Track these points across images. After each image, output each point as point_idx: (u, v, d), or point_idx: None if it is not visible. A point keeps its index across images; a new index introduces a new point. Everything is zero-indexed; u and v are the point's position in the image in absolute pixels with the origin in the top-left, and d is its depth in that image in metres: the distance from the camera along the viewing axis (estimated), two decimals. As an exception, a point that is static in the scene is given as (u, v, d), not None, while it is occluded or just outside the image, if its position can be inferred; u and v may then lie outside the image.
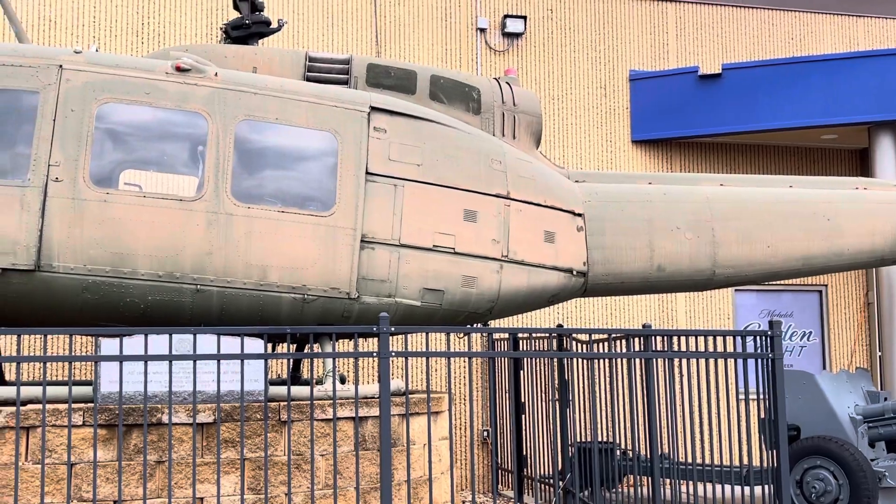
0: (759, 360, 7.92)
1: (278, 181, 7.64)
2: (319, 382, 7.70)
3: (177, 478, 6.65)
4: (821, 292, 14.46)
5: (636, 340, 7.98)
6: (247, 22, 8.73)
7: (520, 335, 11.29)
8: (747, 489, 8.86)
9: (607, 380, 8.56)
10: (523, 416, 11.27)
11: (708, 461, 10.83)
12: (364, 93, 8.08)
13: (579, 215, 8.76)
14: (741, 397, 8.04)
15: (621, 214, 8.92)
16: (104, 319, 7.29)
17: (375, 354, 6.83)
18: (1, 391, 6.82)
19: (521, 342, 11.40)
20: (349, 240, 7.58)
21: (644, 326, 7.89)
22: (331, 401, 7.04)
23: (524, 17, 13.46)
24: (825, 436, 10.08)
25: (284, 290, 7.44)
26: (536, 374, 10.97)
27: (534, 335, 11.19)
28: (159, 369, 6.69)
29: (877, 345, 14.23)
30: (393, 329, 6.91)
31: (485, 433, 12.64)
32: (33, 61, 7.24)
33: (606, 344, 9.11)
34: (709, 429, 7.88)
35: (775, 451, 7.80)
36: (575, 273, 8.67)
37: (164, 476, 6.65)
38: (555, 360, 9.80)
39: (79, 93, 7.23)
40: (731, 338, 7.99)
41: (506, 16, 13.44)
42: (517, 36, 13.52)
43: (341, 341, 9.46)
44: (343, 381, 8.74)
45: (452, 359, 12.12)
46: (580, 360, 9.84)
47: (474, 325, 8.64)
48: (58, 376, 10.83)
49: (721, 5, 14.47)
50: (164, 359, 6.42)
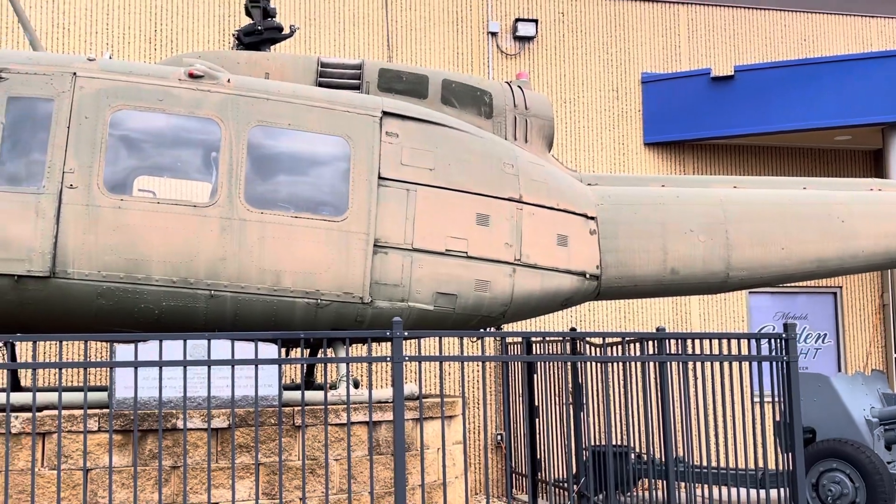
0: (774, 363, 7.89)
1: (291, 186, 7.66)
2: (333, 387, 7.71)
3: (192, 483, 6.67)
4: (835, 294, 14.39)
5: (650, 344, 7.96)
6: (259, 28, 8.76)
7: (533, 339, 11.28)
8: (763, 492, 8.82)
9: (621, 383, 8.54)
10: (537, 419, 11.26)
11: (723, 464, 10.78)
12: (376, 98, 8.09)
13: (592, 218, 8.75)
14: (756, 400, 8.01)
15: (634, 217, 8.90)
16: (119, 325, 7.32)
17: (389, 359, 6.84)
18: (17, 397, 6.86)
19: (534, 346, 11.38)
20: (362, 244, 7.60)
21: (658, 329, 7.87)
22: (345, 405, 7.05)
23: (535, 21, 13.46)
24: (841, 438, 10.03)
25: (298, 295, 7.46)
26: (550, 377, 10.95)
27: (547, 339, 11.17)
28: (174, 375, 6.70)
29: (892, 346, 14.15)
30: (406, 333, 6.91)
31: (499, 437, 12.63)
32: (47, 69, 7.29)
33: (620, 347, 9.09)
34: (724, 432, 7.85)
35: (791, 454, 7.77)
36: (588, 276, 8.66)
37: (179, 481, 6.66)
38: (568, 363, 9.78)
39: (93, 100, 7.28)
40: (746, 340, 7.96)
41: (517, 19, 13.44)
42: (529, 39, 13.52)
43: (355, 346, 9.48)
44: (357, 385, 8.75)
45: (466, 363, 12.12)
46: (594, 364, 9.82)
47: (487, 329, 8.64)
48: (73, 382, 10.88)
49: (733, 7, 14.43)
50: (178, 364, 6.44)
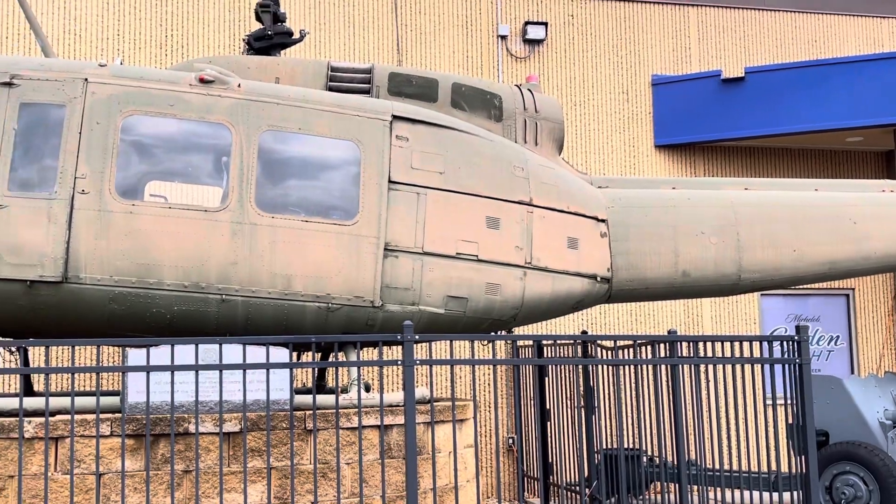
0: (787, 366, 7.86)
1: (302, 191, 7.67)
2: (345, 391, 7.71)
3: (204, 487, 6.68)
4: (848, 296, 14.33)
5: (662, 346, 7.94)
6: (269, 33, 8.78)
7: (544, 342, 11.27)
8: (776, 496, 8.78)
9: (633, 386, 8.52)
10: (549, 423, 11.24)
11: (735, 467, 10.75)
12: (386, 101, 8.10)
13: (603, 221, 8.74)
14: (768, 403, 7.98)
15: (645, 220, 8.88)
16: (131, 330, 7.34)
17: (400, 363, 6.84)
18: (30, 402, 6.88)
19: (545, 349, 11.37)
20: (372, 248, 7.60)
21: (669, 332, 7.85)
22: (356, 409, 7.05)
23: (545, 24, 13.46)
24: (854, 441, 9.99)
25: (309, 300, 7.47)
26: (561, 380, 10.93)
27: (558, 342, 11.16)
28: (186, 379, 6.72)
29: (906, 348, 14.08)
30: (417, 337, 6.91)
31: (510, 441, 12.61)
32: (59, 75, 7.32)
33: (632, 350, 9.07)
34: (736, 435, 7.82)
35: (804, 457, 7.73)
36: (599, 279, 8.64)
37: (192, 485, 6.68)
38: (580, 366, 9.77)
39: (104, 105, 7.30)
40: (758, 343, 7.93)
41: (527, 22, 13.44)
42: (538, 42, 13.51)
43: (366, 349, 9.48)
44: (368, 389, 8.75)
45: (477, 366, 12.12)
46: (605, 367, 9.80)
47: (498, 333, 8.63)
48: (85, 387, 10.91)
49: (743, 8, 14.40)
50: (190, 369, 6.46)
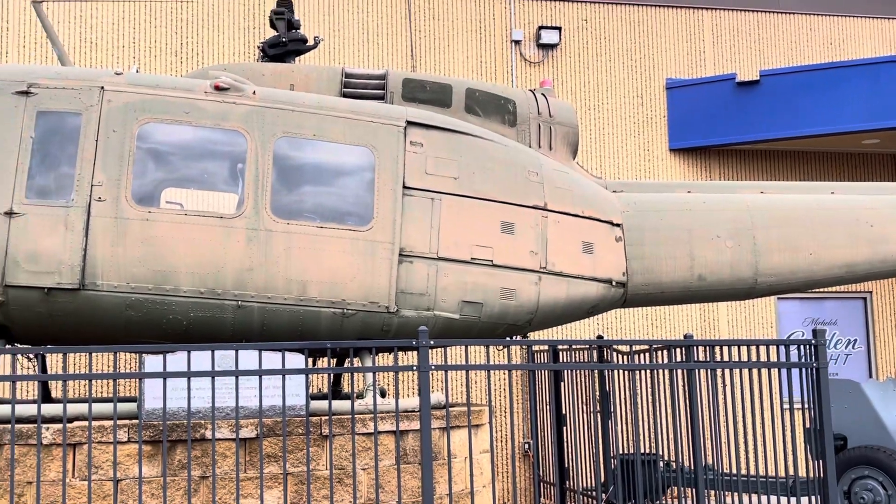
0: (804, 370, 7.82)
1: (316, 197, 7.69)
2: (360, 396, 7.72)
3: (221, 493, 6.70)
4: (865, 299, 14.24)
5: (678, 351, 7.92)
6: (283, 40, 8.81)
7: (560, 347, 11.25)
8: (794, 500, 8.73)
9: (649, 391, 8.49)
10: (565, 428, 11.22)
11: (753, 472, 10.70)
12: (400, 107, 8.12)
13: (618, 225, 8.72)
14: (786, 407, 7.94)
15: (660, 224, 8.86)
16: (147, 336, 7.38)
17: (415, 368, 6.85)
18: (48, 408, 6.92)
19: (560, 354, 11.35)
20: (387, 254, 7.61)
21: (686, 337, 7.83)
22: (371, 415, 7.06)
23: (559, 28, 13.46)
24: (873, 445, 9.92)
25: (324, 305, 7.48)
26: (577, 385, 10.91)
27: (574, 347, 11.13)
28: (202, 385, 6.74)
29: (924, 352, 13.98)
30: (432, 343, 6.92)
31: (526, 446, 12.59)
32: (76, 83, 7.37)
33: (647, 355, 9.05)
34: (753, 439, 7.78)
35: (822, 462, 7.69)
36: (614, 283, 8.62)
37: (209, 491, 6.70)
38: (595, 371, 9.75)
39: (120, 113, 7.35)
40: (775, 347, 7.90)
41: (540, 27, 13.44)
42: (552, 47, 13.51)
43: (381, 355, 9.50)
44: (383, 394, 8.76)
45: (492, 371, 12.11)
46: (621, 372, 9.77)
47: (514, 338, 8.62)
48: (102, 393, 10.97)
49: (758, 11, 14.36)
50: (206, 375, 6.48)
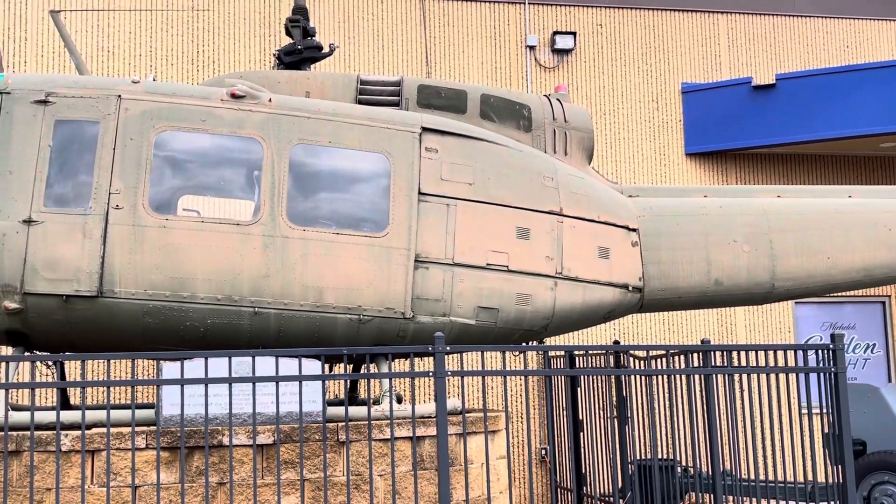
0: (822, 375, 7.77)
1: (332, 203, 7.72)
2: (376, 402, 7.73)
3: (238, 499, 6.72)
4: (884, 303, 14.15)
5: (695, 356, 7.89)
6: (299, 47, 8.85)
7: (576, 352, 11.23)
8: (813, 506, 8.68)
9: (666, 396, 8.47)
10: (582, 433, 11.19)
11: (771, 478, 10.64)
12: (415, 114, 8.13)
13: (634, 230, 8.70)
14: (804, 412, 7.89)
15: (677, 228, 8.83)
16: (165, 343, 7.41)
17: (431, 374, 6.85)
18: (66, 415, 6.96)
19: (577, 359, 11.33)
20: (403, 260, 7.63)
21: (703, 342, 7.80)
22: (388, 421, 7.07)
23: (573, 34, 13.45)
24: (892, 450, 9.85)
25: (340, 311, 7.50)
26: (594, 391, 10.89)
27: (590, 352, 11.11)
28: (219, 392, 6.77)
29: (944, 356, 13.87)
30: (448, 348, 6.92)
31: (543, 451, 12.57)
32: (93, 92, 7.42)
33: (664, 360, 9.02)
34: (771, 445, 7.75)
35: (841, 467, 7.64)
36: (630, 288, 8.61)
37: (226, 497, 6.72)
38: (612, 377, 9.72)
39: (137, 121, 7.39)
40: (793, 352, 7.86)
41: (555, 32, 13.44)
42: (567, 52, 13.51)
43: (397, 361, 9.50)
44: (400, 400, 8.76)
45: (508, 377, 12.10)
46: (638, 377, 9.75)
47: (530, 343, 8.62)
48: (120, 400, 11.03)
49: (774, 15, 14.31)
50: (223, 381, 6.51)
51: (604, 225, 8.49)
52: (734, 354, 7.81)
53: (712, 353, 7.76)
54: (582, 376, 11.07)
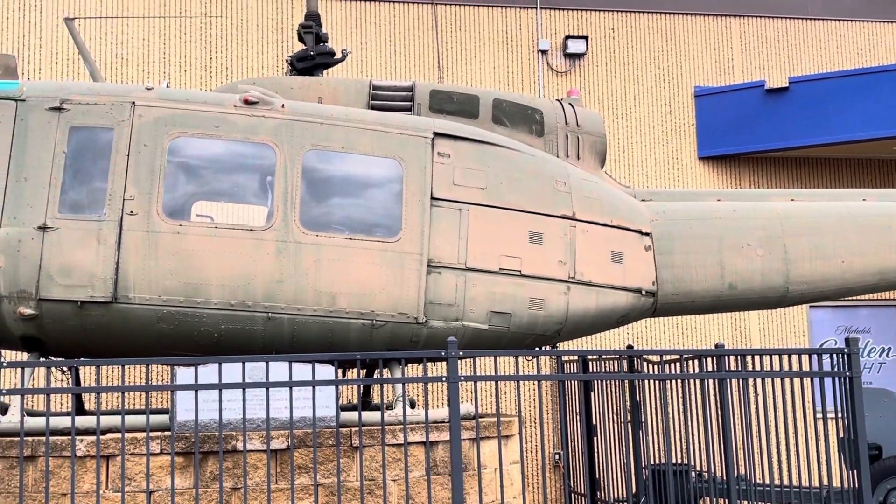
0: (837, 379, 7.73)
1: (345, 209, 7.73)
2: (390, 407, 7.74)
3: (252, 504, 6.73)
4: (899, 307, 14.09)
5: (709, 360, 7.86)
6: (311, 53, 8.88)
7: (589, 357, 11.20)
8: (828, 511, 8.63)
9: (680, 401, 8.44)
10: (595, 438, 11.16)
11: (786, 482, 10.59)
12: (427, 119, 8.14)
13: (647, 234, 8.69)
14: (819, 416, 7.86)
15: (690, 232, 8.81)
16: (179, 348, 7.44)
17: (444, 379, 6.85)
18: (81, 420, 6.99)
19: (590, 364, 11.30)
20: (416, 265, 7.63)
21: (717, 346, 7.77)
22: (401, 426, 7.07)
23: (585, 38, 13.45)
24: (909, 455, 9.79)
25: (353, 317, 7.51)
26: (607, 395, 10.86)
27: (604, 357, 11.07)
28: (233, 397, 6.78)
29: (961, 360, 13.79)
30: (461, 353, 6.92)
31: (556, 456, 12.54)
32: (107, 99, 7.47)
33: (678, 364, 8.99)
34: (786, 449, 7.71)
35: (856, 472, 7.60)
36: (644, 293, 8.59)
37: (240, 502, 6.73)
38: (626, 381, 9.70)
39: (151, 128, 7.43)
40: (807, 356, 7.82)
41: (567, 37, 13.44)
42: (579, 56, 13.50)
43: (410, 366, 9.50)
44: (413, 405, 8.76)
45: (522, 382, 12.09)
46: (652, 382, 9.72)
47: (543, 348, 8.60)
48: (135, 405, 11.06)
49: (787, 18, 14.27)
50: (237, 387, 6.52)
51: (617, 229, 8.48)
52: (748, 358, 7.78)
53: (726, 357, 7.73)
54: (595, 381, 11.04)
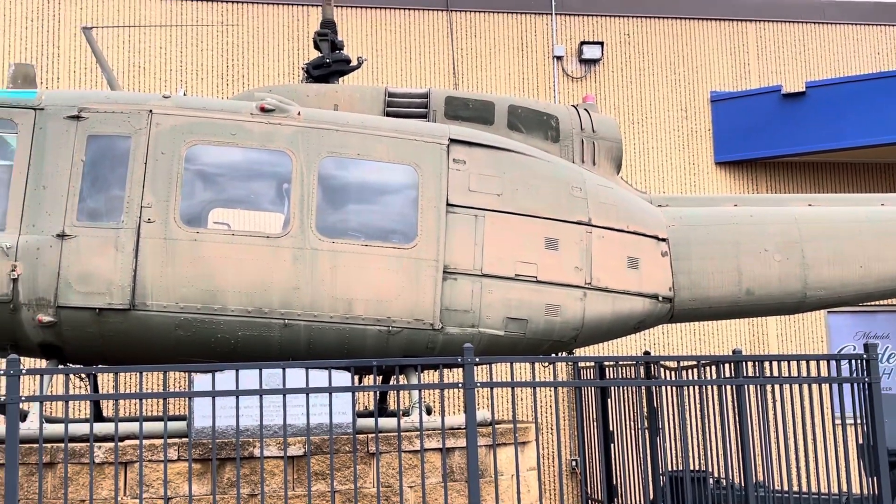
0: (856, 385, 7.68)
1: (361, 215, 7.75)
2: (406, 414, 7.74)
3: (269, 511, 6.74)
4: (919, 312, 13.98)
5: (726, 367, 7.82)
6: (327, 61, 8.91)
7: (606, 363, 11.17)
8: (848, 518, 8.57)
9: (698, 407, 8.40)
10: (612, 445, 11.12)
11: (805, 489, 10.51)
12: (443, 125, 8.15)
13: (663, 240, 8.66)
14: (838, 423, 7.81)
15: (707, 238, 8.78)
16: (196, 355, 7.46)
17: (461, 385, 6.85)
18: (99, 427, 7.02)
19: (607, 370, 11.26)
20: (432, 271, 7.63)
21: (734, 352, 7.73)
22: (417, 432, 7.07)
23: (601, 44, 13.43)
24: (929, 462, 9.69)
25: (369, 323, 7.52)
26: (624, 402, 10.82)
27: (620, 363, 11.05)
28: (250, 403, 6.80)
29: (981, 366, 13.66)
30: (477, 359, 6.91)
31: (573, 463, 12.51)
32: (125, 107, 7.52)
33: (696, 371, 8.95)
34: (805, 456, 7.66)
35: (876, 478, 7.54)
36: (661, 299, 8.56)
37: (257, 509, 6.74)
38: (643, 388, 9.65)
39: (168, 136, 7.47)
40: (826, 362, 7.77)
41: (582, 42, 13.43)
42: (594, 62, 13.49)
43: (426, 372, 9.51)
44: (429, 412, 8.76)
45: (538, 388, 12.06)
46: (669, 388, 9.68)
47: (559, 354, 8.59)
48: (153, 412, 11.11)
49: (803, 22, 14.21)
50: (254, 393, 6.54)
51: (633, 235, 8.46)
52: (766, 365, 7.74)
53: (744, 363, 7.69)
54: (613, 387, 11.00)
